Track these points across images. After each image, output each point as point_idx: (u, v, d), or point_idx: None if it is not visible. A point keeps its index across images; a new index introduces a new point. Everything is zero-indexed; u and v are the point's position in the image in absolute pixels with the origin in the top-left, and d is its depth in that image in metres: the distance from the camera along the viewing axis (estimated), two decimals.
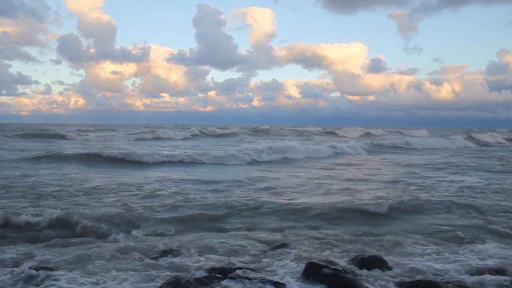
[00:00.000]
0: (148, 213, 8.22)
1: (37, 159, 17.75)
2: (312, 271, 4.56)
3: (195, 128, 50.52)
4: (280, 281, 4.62)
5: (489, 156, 24.23)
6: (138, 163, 17.65)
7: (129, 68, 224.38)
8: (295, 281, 4.68)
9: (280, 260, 5.47)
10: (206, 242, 6.31)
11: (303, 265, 4.86)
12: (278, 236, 6.85)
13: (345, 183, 12.81)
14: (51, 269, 4.83)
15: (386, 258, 5.41)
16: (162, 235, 6.95)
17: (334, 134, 53.01)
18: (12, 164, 16.20)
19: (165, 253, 5.70)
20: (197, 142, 36.69)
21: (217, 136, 45.01)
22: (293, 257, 5.55)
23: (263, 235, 6.88)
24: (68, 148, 24.34)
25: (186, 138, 40.99)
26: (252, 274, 4.67)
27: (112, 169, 15.77)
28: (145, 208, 8.56)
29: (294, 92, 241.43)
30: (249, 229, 7.46)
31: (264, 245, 6.31)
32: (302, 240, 6.58)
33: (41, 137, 35.29)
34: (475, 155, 24.91)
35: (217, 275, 4.64)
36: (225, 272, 4.67)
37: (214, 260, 5.48)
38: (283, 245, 6.18)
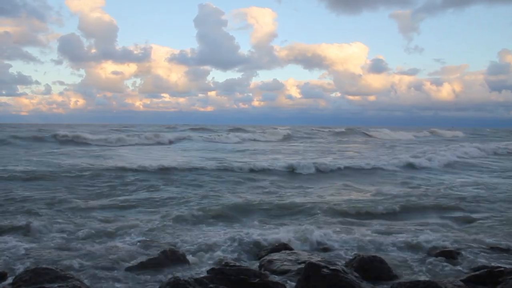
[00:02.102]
0: None
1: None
2: (311, 271, 4.55)
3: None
4: (280, 282, 4.63)
5: None
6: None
7: (130, 68, 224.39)
8: (295, 281, 4.69)
9: (281, 260, 5.47)
10: None
11: (303, 266, 4.86)
12: None
13: None
14: None
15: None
16: None
17: (366, 135, 51.46)
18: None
19: None
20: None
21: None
22: (292, 257, 5.56)
23: None
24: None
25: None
26: (251, 275, 4.67)
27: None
28: None
29: (295, 92, 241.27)
30: None
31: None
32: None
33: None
34: None
35: (216, 275, 4.64)
36: (224, 273, 4.67)
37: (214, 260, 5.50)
38: (284, 246, 6.18)
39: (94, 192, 10.83)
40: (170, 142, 32.95)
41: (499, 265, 5.29)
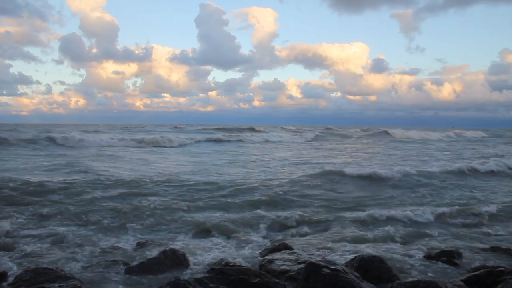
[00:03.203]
0: None
1: None
2: (312, 271, 4.55)
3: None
4: (280, 282, 4.63)
5: None
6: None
7: (131, 68, 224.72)
8: (295, 281, 4.68)
9: (281, 260, 5.46)
10: None
11: (303, 266, 4.85)
12: None
13: None
14: None
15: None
16: None
17: (387, 134, 49.61)
18: None
19: None
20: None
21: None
22: (293, 257, 5.55)
23: None
24: None
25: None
26: (251, 275, 4.67)
27: None
28: None
29: (295, 92, 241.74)
30: None
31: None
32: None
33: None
34: None
35: (216, 275, 4.64)
36: (224, 273, 4.67)
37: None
38: (285, 246, 6.18)
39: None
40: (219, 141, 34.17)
41: (499, 265, 5.28)
